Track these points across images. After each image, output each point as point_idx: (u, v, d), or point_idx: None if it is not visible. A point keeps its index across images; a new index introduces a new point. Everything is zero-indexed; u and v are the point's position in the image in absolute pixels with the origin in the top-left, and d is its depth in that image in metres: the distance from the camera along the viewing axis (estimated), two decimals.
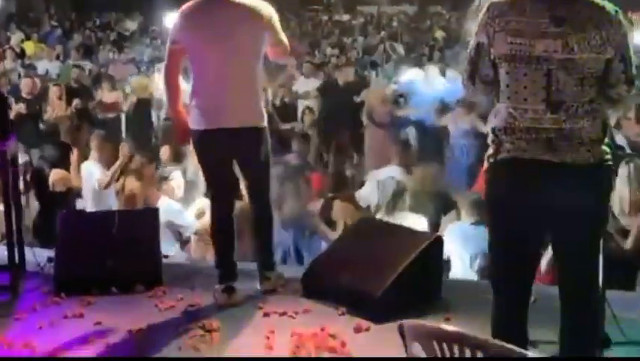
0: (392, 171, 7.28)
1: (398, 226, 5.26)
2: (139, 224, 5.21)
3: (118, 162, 7.28)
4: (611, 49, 3.14)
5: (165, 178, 7.08)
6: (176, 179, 7.13)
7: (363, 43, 19.85)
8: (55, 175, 7.47)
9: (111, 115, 11.41)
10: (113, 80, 12.27)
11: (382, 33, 21.90)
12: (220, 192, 4.83)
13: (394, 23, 26.43)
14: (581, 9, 3.15)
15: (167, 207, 6.52)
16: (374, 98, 10.72)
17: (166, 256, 5.52)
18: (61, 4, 30.73)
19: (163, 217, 5.61)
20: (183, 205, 6.92)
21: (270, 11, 4.65)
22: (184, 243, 6.70)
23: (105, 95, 11.69)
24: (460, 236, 5.84)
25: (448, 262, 5.72)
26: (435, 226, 6.49)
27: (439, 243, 4.78)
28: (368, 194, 6.95)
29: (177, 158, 8.18)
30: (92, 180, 7.27)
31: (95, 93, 12.06)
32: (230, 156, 4.77)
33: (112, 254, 4.98)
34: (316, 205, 6.69)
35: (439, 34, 21.58)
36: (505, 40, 3.19)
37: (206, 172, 4.87)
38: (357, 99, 11.15)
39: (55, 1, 30.84)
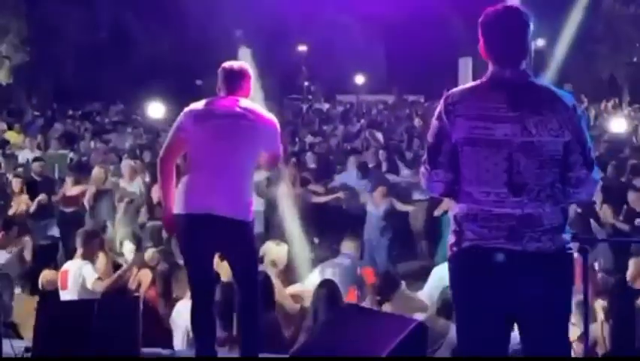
0: None
1: (381, 312, 5.23)
2: (119, 313, 5.14)
3: (122, 270, 7.03)
4: (568, 132, 3.22)
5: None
6: None
7: (344, 130, 20.09)
8: (45, 276, 7.32)
9: (72, 209, 10.96)
10: (78, 172, 11.95)
11: (362, 121, 22.23)
12: (200, 280, 4.81)
13: (374, 111, 26.84)
14: (537, 94, 3.25)
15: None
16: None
17: None
18: (43, 94, 31.05)
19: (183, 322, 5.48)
20: None
21: (273, 122, 4.84)
22: None
23: (69, 188, 11.29)
24: None
25: None
26: None
27: (422, 329, 4.74)
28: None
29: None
30: (80, 281, 6.92)
31: (59, 186, 11.71)
32: (214, 247, 4.80)
33: (90, 344, 4.89)
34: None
35: (417, 121, 21.91)
36: (465, 124, 3.26)
37: (187, 262, 4.86)
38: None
39: (37, 91, 31.18)
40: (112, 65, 30.42)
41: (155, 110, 19.42)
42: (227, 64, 4.94)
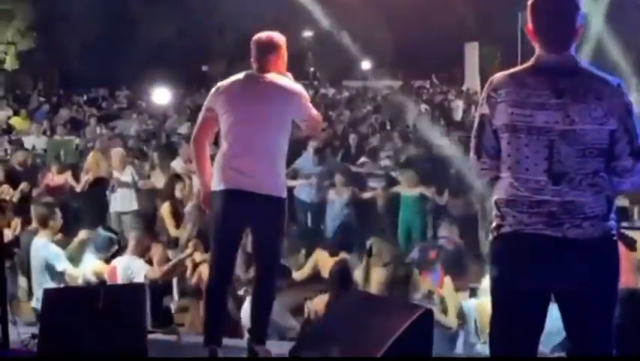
0: None
1: (387, 297, 5.23)
2: (125, 299, 5.14)
3: (182, 256, 7.02)
4: (614, 120, 3.14)
5: None
6: None
7: (350, 116, 20.02)
8: (92, 268, 7.13)
9: (57, 199, 10.09)
10: (62, 161, 11.86)
11: (368, 107, 22.15)
12: (224, 256, 4.87)
13: (379, 97, 26.76)
14: (583, 80, 3.18)
15: None
16: None
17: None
18: (48, 80, 31.03)
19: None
20: None
21: (299, 91, 4.86)
22: None
23: (53, 177, 11.07)
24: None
25: None
26: None
27: (428, 315, 4.73)
28: None
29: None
30: (130, 276, 6.85)
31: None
32: (244, 222, 4.85)
33: (96, 331, 4.89)
34: None
35: (423, 107, 21.86)
36: (506, 111, 3.22)
37: (216, 234, 4.90)
38: None
39: (43, 77, 31.16)
40: (118, 51, 30.35)
41: (160, 95, 19.39)
42: (257, 36, 4.95)
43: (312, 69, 36.60)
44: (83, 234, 7.60)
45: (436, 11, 31.36)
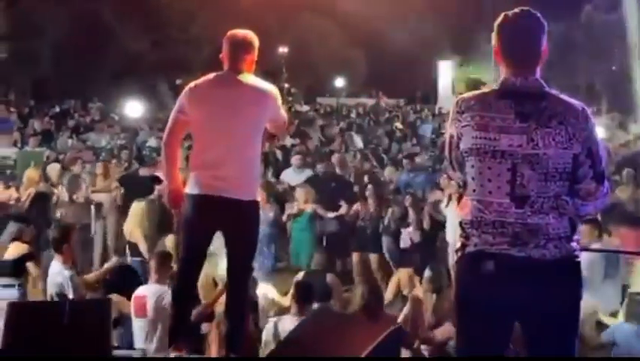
0: None
1: (356, 315, 5.20)
2: (90, 315, 5.07)
3: (217, 293, 6.59)
4: (577, 144, 3.16)
5: None
6: None
7: (323, 133, 20.04)
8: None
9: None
10: (6, 177, 11.65)
11: (341, 124, 22.20)
12: (194, 256, 4.82)
13: (353, 115, 26.86)
14: (547, 105, 3.18)
15: None
16: None
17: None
18: (20, 91, 30.78)
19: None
20: None
21: (274, 93, 4.77)
22: None
23: None
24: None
25: None
26: None
27: (398, 332, 4.72)
28: None
29: None
30: (164, 305, 6.31)
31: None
32: (218, 226, 4.78)
33: (60, 345, 4.81)
34: None
35: (398, 126, 21.96)
36: (470, 134, 3.22)
37: (187, 236, 4.85)
38: None
39: (15, 87, 30.90)
40: (91, 62, 30.18)
41: (133, 108, 19.29)
42: (231, 32, 4.84)
43: (286, 85, 36.67)
44: (111, 262, 7.48)
45: (410, 29, 31.61)
